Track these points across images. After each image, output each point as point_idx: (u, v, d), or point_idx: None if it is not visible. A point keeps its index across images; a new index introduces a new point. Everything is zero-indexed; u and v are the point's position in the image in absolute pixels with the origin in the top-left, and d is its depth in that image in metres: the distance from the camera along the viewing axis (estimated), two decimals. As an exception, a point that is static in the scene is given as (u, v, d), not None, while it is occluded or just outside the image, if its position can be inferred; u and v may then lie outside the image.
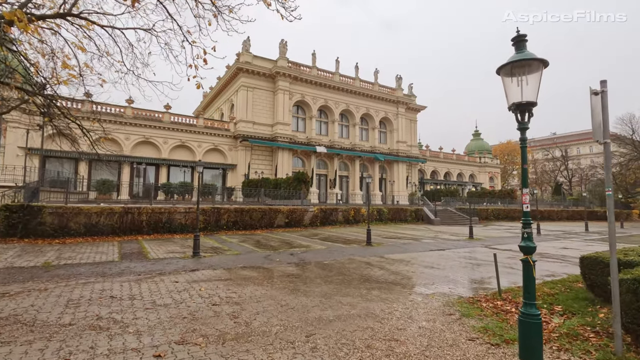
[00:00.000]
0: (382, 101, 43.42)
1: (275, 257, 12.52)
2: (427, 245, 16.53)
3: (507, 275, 10.14)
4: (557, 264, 12.44)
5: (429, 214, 31.03)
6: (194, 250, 12.08)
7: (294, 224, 23.23)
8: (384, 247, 15.53)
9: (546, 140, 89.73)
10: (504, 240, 19.70)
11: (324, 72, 39.79)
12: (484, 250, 15.40)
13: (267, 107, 36.85)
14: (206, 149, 34.84)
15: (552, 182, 68.71)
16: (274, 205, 25.60)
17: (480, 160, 54.86)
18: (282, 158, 35.99)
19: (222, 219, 19.81)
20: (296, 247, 15.07)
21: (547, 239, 21.08)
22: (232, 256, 12.49)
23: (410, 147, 45.65)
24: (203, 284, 8.39)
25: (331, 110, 40.10)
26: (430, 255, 13.83)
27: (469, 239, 19.51)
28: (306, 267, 10.80)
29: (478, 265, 11.87)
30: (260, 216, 21.33)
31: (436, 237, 20.49)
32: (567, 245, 18.18)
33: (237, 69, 35.28)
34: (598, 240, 21.02)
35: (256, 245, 15.22)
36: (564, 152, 62.77)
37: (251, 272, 9.85)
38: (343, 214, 26.13)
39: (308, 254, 13.39)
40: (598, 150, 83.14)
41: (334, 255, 13.07)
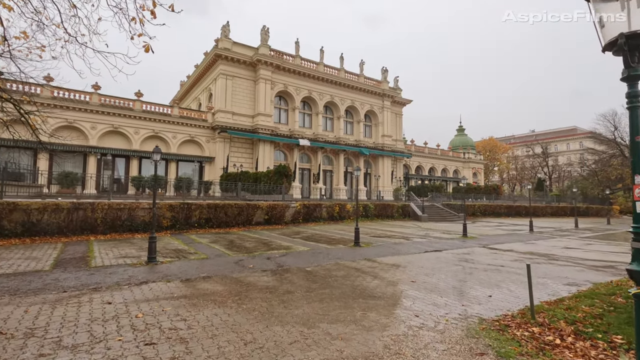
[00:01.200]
0: (368, 94, 41.53)
1: (249, 262, 10.41)
2: (421, 246, 14.73)
3: (524, 286, 8.35)
4: (570, 267, 10.79)
5: (416, 210, 29.43)
6: (149, 254, 9.83)
7: (275, 221, 21.10)
8: (374, 249, 13.62)
9: (526, 137, 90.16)
10: (500, 238, 18.14)
11: (308, 62, 37.54)
12: (484, 252, 13.70)
13: (247, 97, 34.40)
14: (182, 141, 32.17)
15: (532, 179, 68.70)
16: (253, 200, 23.39)
17: (464, 156, 53.83)
18: (264, 151, 33.68)
19: (192, 216, 17.50)
20: (275, 248, 12.98)
21: (543, 237, 19.67)
22: (196, 261, 10.30)
23: (395, 142, 44.01)
24: (145, 305, 6.22)
25: (315, 102, 37.95)
26: (427, 258, 11.98)
27: (462, 238, 17.86)
28: (285, 276, 8.74)
29: (484, 270, 10.08)
30: (236, 212, 19.11)
31: (427, 235, 18.77)
32: (567, 244, 16.73)
33: (216, 55, 32.66)
34: (594, 238, 19.74)
35: (228, 247, 13.04)
36: (545, 149, 62.64)
37: (215, 285, 7.73)
38: (327, 210, 24.15)
39: (288, 257, 11.33)
40: (575, 148, 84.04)
41: (318, 259, 11.05)
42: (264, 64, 33.94)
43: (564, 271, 10.26)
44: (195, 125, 32.70)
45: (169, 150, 31.51)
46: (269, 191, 25.14)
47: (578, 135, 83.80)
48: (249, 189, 26.64)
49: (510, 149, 77.36)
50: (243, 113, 33.86)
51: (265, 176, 25.16)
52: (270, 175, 24.57)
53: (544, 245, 16.18)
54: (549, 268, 10.69)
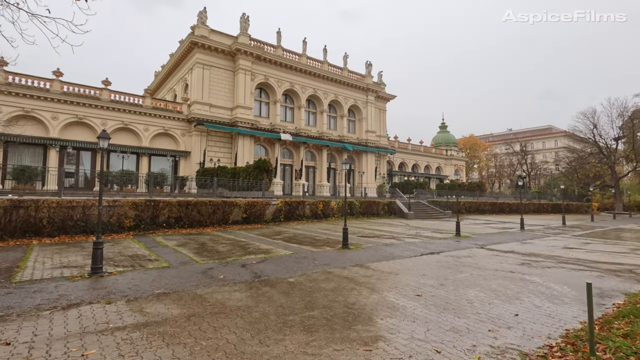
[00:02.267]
0: (352, 88, 39.95)
1: (220, 271, 8.57)
2: (415, 248, 13.21)
3: (548, 299, 6.88)
4: (586, 273, 9.47)
5: (402, 207, 28.09)
6: (93, 264, 7.84)
7: (254, 220, 19.21)
8: (365, 251, 12.00)
9: (504, 135, 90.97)
10: (494, 238, 16.88)
11: (290, 54, 35.60)
12: (484, 254, 12.30)
13: (226, 89, 32.19)
14: (154, 133, 29.69)
15: (511, 176, 69.04)
16: (230, 197, 21.43)
17: (446, 153, 53.15)
18: (243, 145, 31.59)
19: (160, 215, 15.42)
20: (252, 252, 11.15)
21: (537, 235, 18.58)
22: (154, 272, 8.39)
23: (379, 138, 42.66)
24: (59, 347, 4.33)
25: (297, 95, 36.07)
26: (426, 263, 10.45)
27: (456, 237, 16.50)
28: (262, 291, 6.97)
29: (494, 277, 8.61)
30: (211, 211, 17.11)
31: (418, 234, 17.33)
32: (565, 243, 15.60)
33: (192, 43, 30.29)
34: (589, 237, 18.78)
35: (198, 252, 11.12)
36: (524, 147, 62.93)
37: (170, 307, 5.88)
38: (310, 207, 22.42)
39: (267, 264, 9.54)
40: (550, 146, 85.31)
41: (302, 266, 9.32)
42: (244, 54, 31.81)
43: (582, 277, 8.90)
44: (169, 117, 30.28)
45: (141, 143, 29.01)
46: (248, 187, 23.19)
47: (553, 134, 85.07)
48: (226, 185, 24.63)
49: (490, 146, 77.65)
50: (221, 105, 31.65)
51: (244, 171, 23.20)
52: (249, 171, 22.62)
53: (543, 245, 14.98)
54: (564, 274, 9.33)
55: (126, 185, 26.07)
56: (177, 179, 28.72)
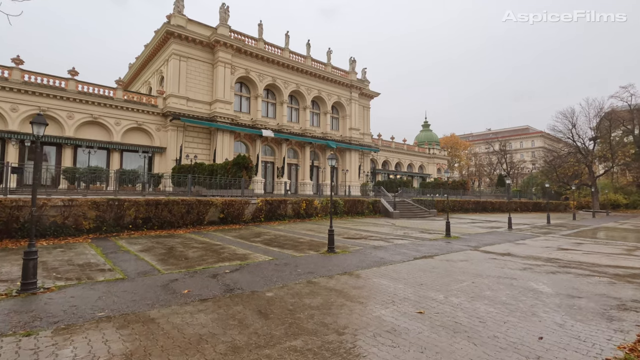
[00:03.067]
0: (335, 84, 38.76)
1: (185, 284, 7.17)
2: (406, 250, 12.11)
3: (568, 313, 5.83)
4: (594, 279, 8.55)
5: (387, 206, 27.11)
6: (24, 279, 6.30)
7: (232, 220, 17.74)
8: (352, 256, 10.79)
9: (483, 135, 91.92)
10: (485, 238, 16.01)
11: (272, 47, 34.07)
12: (480, 257, 11.31)
13: (204, 82, 30.41)
14: (127, 128, 27.68)
15: (490, 175, 69.55)
16: (207, 196, 19.87)
17: (429, 152, 52.74)
18: (222, 142, 29.92)
19: (126, 216, 13.77)
20: (226, 259, 9.76)
21: (527, 235, 17.86)
22: (104, 286, 6.91)
23: (363, 135, 41.67)
24: None
25: (280, 91, 34.60)
26: (421, 269, 9.33)
27: (446, 238, 15.53)
28: (232, 313, 5.64)
29: (498, 285, 7.55)
30: (184, 210, 15.54)
31: (407, 235, 16.29)
32: (557, 244, 14.84)
33: (167, 33, 28.36)
34: (578, 236, 18.21)
35: (163, 258, 9.64)
36: (503, 146, 63.36)
37: (108, 340, 4.47)
38: (293, 206, 21.08)
39: (242, 273, 8.19)
40: (527, 146, 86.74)
41: (283, 276, 8.02)
42: (223, 46, 30.11)
43: (593, 285, 7.97)
44: (143, 111, 28.30)
45: (112, 138, 26.98)
46: (227, 185, 21.64)
47: (530, 134, 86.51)
48: (203, 182, 22.98)
49: (470, 145, 78.16)
50: (199, 99, 29.88)
51: (222, 168, 21.62)
52: (227, 168, 21.07)
53: (537, 246, 14.18)
54: (572, 280, 8.39)
55: (94, 183, 24.03)
56: (151, 177, 26.82)
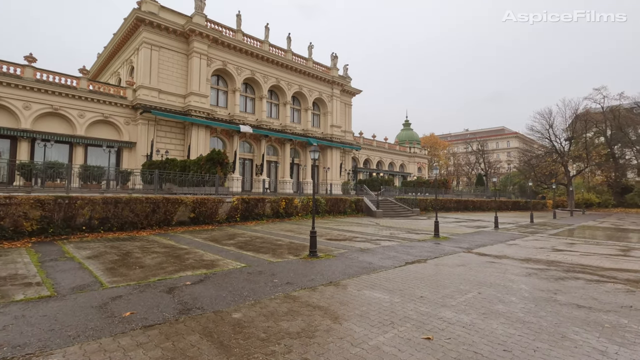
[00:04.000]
0: (317, 80, 37.38)
1: (129, 303, 5.61)
2: (395, 253, 10.87)
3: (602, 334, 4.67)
4: (608, 285, 7.53)
5: (370, 205, 25.99)
6: None
7: (204, 220, 16.08)
8: (337, 261, 9.45)
9: (461, 135, 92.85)
10: (475, 239, 15.01)
11: (251, 39, 32.34)
12: (476, 260, 10.21)
13: (178, 74, 28.41)
14: (92, 120, 25.36)
15: (469, 174, 69.99)
16: (179, 194, 18.12)
17: (410, 150, 52.18)
18: (197, 137, 28.01)
19: (78, 215, 11.93)
20: (189, 267, 8.20)
21: (515, 235, 17.03)
22: (20, 307, 5.27)
23: (344, 133, 40.50)
24: None
25: (259, 85, 32.91)
26: (415, 275, 8.09)
27: (435, 239, 14.45)
28: (183, 348, 4.16)
29: (511, 297, 6.38)
30: (149, 210, 13.79)
31: (393, 236, 15.11)
32: (550, 244, 14.00)
33: (138, 19, 26.19)
34: (566, 236, 17.55)
35: (112, 267, 7.98)
36: (482, 146, 63.77)
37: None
38: (272, 205, 19.57)
39: (206, 286, 6.68)
40: (503, 147, 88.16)
41: (256, 289, 6.56)
42: (199, 36, 28.20)
43: (611, 294, 6.93)
44: (110, 102, 26.04)
45: (75, 131, 24.63)
46: (200, 182, 19.90)
47: (506, 135, 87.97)
48: (175, 180, 21.14)
49: (449, 145, 78.58)
50: (172, 92, 27.86)
51: (195, 164, 19.86)
52: (201, 164, 19.34)
53: (530, 247, 13.28)
54: (586, 288, 7.34)
55: (54, 180, 21.71)
56: (119, 173, 24.64)
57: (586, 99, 48.13)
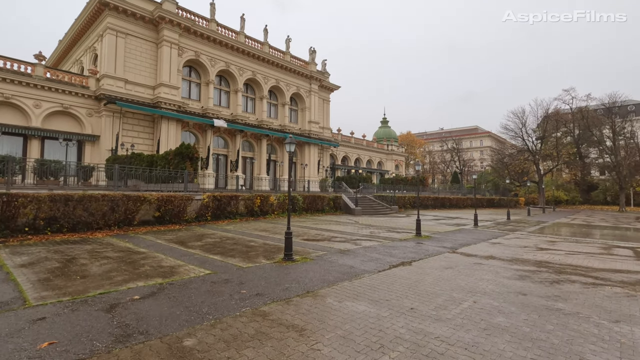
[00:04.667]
0: (294, 74, 36.17)
1: (51, 328, 4.41)
2: (377, 255, 10.02)
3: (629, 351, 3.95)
4: (606, 288, 6.96)
5: (349, 202, 25.19)
6: None
7: (170, 220, 14.69)
8: (315, 265, 8.48)
9: (436, 134, 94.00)
10: (457, 237, 14.43)
11: (226, 30, 30.76)
12: (462, 261, 9.51)
13: (147, 63, 26.51)
14: (50, 111, 23.20)
15: (444, 172, 70.80)
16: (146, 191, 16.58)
17: (387, 148, 51.89)
18: (168, 131, 26.27)
19: (20, 215, 10.37)
20: (143, 275, 6.99)
21: (496, 233, 16.60)
22: None
23: (322, 129, 39.54)
24: None
25: (234, 78, 31.39)
26: (402, 282, 7.24)
27: (416, 238, 13.74)
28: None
29: (509, 306, 5.62)
30: (107, 208, 12.32)
31: (373, 235, 14.29)
32: (532, 242, 13.56)
33: (101, 3, 24.12)
34: (546, 234, 17.34)
35: (48, 278, 6.65)
36: (457, 144, 64.51)
37: None
38: (246, 203, 18.35)
39: (157, 301, 5.53)
40: (476, 145, 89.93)
41: (218, 305, 5.47)
42: (169, 24, 26.42)
43: (614, 301, 6.32)
44: (71, 92, 23.92)
45: (29, 123, 22.43)
46: (169, 179, 18.40)
47: (479, 134, 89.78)
48: (142, 176, 19.52)
49: (425, 143, 79.26)
50: (140, 82, 25.98)
51: (163, 159, 18.34)
52: (169, 158, 17.85)
53: (514, 245, 12.78)
54: (585, 293, 6.71)
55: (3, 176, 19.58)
56: (80, 168, 22.62)
57: (556, 100, 49.50)
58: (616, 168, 44.34)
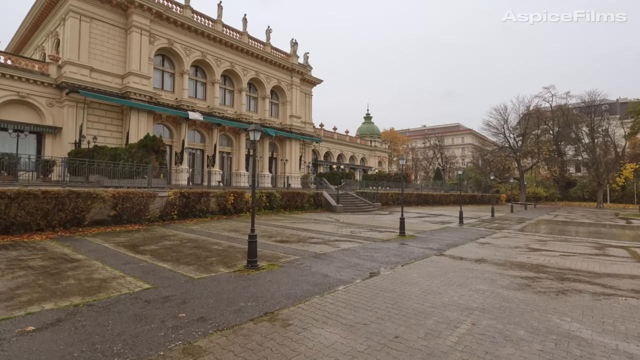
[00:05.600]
0: (275, 66, 34.54)
1: None
2: (356, 260, 8.75)
3: None
4: (621, 301, 5.90)
5: (330, 199, 23.92)
6: None
7: (129, 219, 13.04)
8: (283, 274, 7.12)
9: (419, 131, 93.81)
10: (443, 237, 13.33)
11: (202, 18, 28.86)
12: (451, 265, 8.33)
13: (115, 51, 24.43)
14: (4, 100, 20.97)
15: (427, 169, 70.47)
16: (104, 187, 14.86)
17: (371, 144, 50.84)
18: (138, 123, 24.31)
19: None
20: (58, 293, 5.48)
21: (483, 232, 15.61)
22: None
23: (304, 124, 38.07)
24: None
25: (211, 69, 29.57)
26: (386, 295, 5.97)
27: (400, 237, 12.58)
28: None
29: (519, 331, 4.42)
30: (50, 207, 10.59)
31: (354, 235, 13.04)
32: (524, 242, 12.60)
33: (62, -17, 21.99)
34: (535, 232, 16.50)
35: None
36: (440, 141, 64.15)
37: None
38: (218, 200, 16.79)
39: (57, 334, 4.07)
40: (458, 142, 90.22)
41: (139, 338, 4.03)
42: (139, 8, 24.40)
43: (634, 315, 5.24)
44: (28, 79, 21.71)
45: (-21, 112, 20.17)
46: (134, 174, 16.67)
47: (461, 131, 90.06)
48: (105, 171, 17.72)
49: (408, 140, 78.80)
50: (107, 71, 23.92)
51: (126, 152, 16.58)
52: (132, 151, 16.10)
53: (503, 246, 11.75)
54: (601, 308, 5.61)
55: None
56: (39, 163, 20.52)
57: (537, 97, 49.41)
58: (594, 165, 44.65)
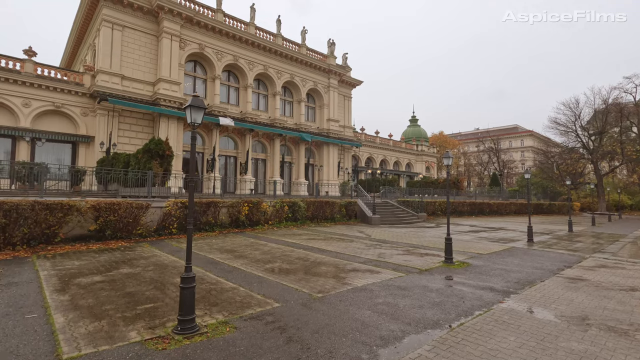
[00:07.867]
0: (311, 68, 32.01)
1: None
2: (367, 315, 5.39)
3: None
4: None
5: (366, 209, 20.40)
6: None
7: (115, 234, 10.89)
8: (223, 352, 4.05)
9: (471, 134, 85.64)
10: (507, 265, 9.28)
11: (234, 21, 27.27)
12: (540, 335, 4.64)
13: (146, 58, 23.54)
14: (40, 110, 20.74)
15: (481, 174, 63.30)
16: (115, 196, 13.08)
17: (417, 148, 46.09)
18: (168, 130, 23.02)
19: None
20: None
21: (567, 258, 11.10)
22: None
23: (343, 128, 34.95)
24: None
25: (243, 73, 27.80)
26: None
27: (446, 265, 8.87)
28: None
29: None
30: (9, 221, 8.70)
31: (381, 260, 9.56)
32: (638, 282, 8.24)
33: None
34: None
35: None
36: (496, 144, 56.96)
37: None
38: (229, 211, 14.27)
39: None
40: (516, 146, 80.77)
41: None
42: (169, 14, 23.27)
43: None
44: (63, 90, 21.38)
45: (18, 123, 20.03)
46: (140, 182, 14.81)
47: (520, 133, 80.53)
48: (120, 179, 16.22)
49: (460, 144, 71.88)
50: (139, 78, 23.00)
51: (134, 158, 14.79)
52: (138, 157, 14.24)
53: (610, 285, 7.50)
54: None
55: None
56: (72, 172, 19.80)
57: (615, 89, 40.71)
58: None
